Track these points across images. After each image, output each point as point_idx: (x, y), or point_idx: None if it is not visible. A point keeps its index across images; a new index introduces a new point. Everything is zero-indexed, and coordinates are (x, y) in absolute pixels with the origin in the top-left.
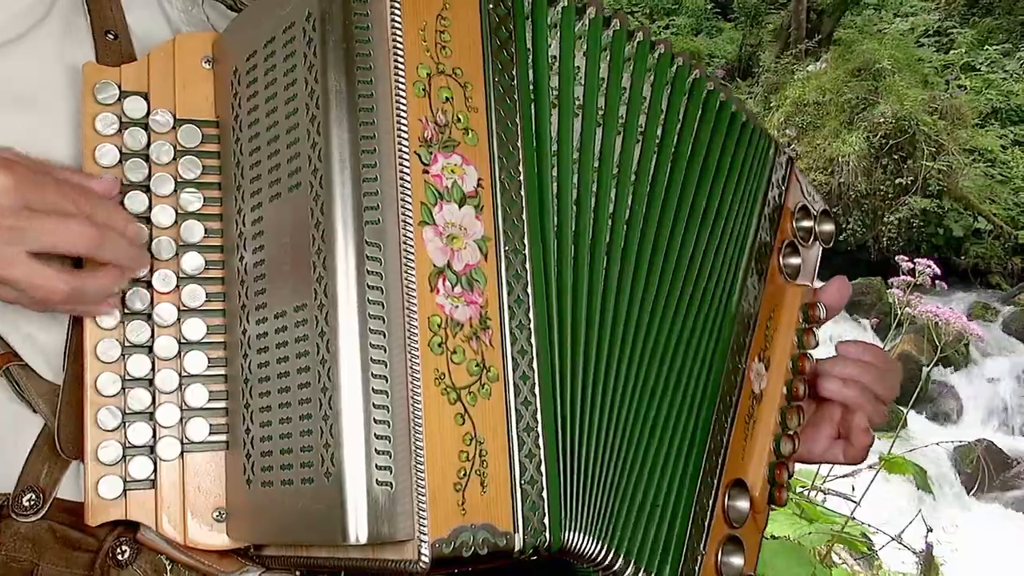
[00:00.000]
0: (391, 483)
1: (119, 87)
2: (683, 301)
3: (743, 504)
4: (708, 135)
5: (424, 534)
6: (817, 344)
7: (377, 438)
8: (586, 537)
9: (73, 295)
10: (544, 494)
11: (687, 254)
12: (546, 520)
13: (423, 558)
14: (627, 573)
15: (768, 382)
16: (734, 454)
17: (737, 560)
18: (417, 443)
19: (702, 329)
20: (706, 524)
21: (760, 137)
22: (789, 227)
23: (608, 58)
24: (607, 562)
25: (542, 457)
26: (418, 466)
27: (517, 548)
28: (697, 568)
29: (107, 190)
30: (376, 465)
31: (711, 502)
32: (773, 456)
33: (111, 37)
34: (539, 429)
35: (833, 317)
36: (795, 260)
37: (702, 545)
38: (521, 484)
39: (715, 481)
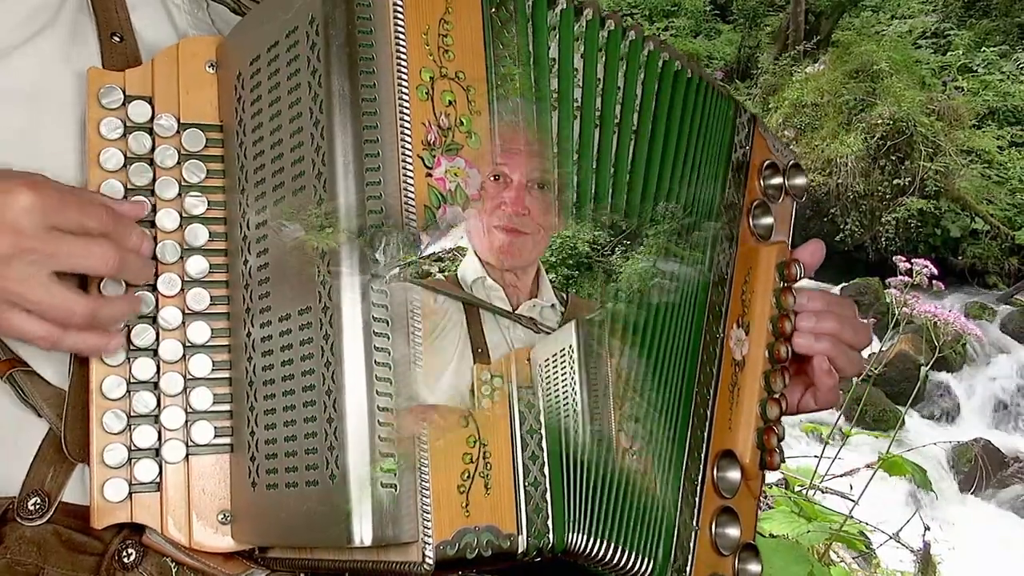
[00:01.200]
0: (395, 485)
1: (123, 91)
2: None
3: (734, 475)
4: (689, 119)
5: (428, 536)
6: (795, 303)
7: (381, 440)
8: (587, 536)
9: (90, 318)
10: (547, 496)
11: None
12: (549, 522)
13: (427, 560)
14: (623, 563)
15: (749, 348)
16: (720, 425)
17: (733, 531)
18: (421, 446)
19: (679, 306)
20: (697, 499)
21: (722, 102)
22: (757, 186)
23: (604, 58)
24: (600, 555)
25: (545, 459)
26: (422, 468)
27: (521, 550)
28: (692, 544)
29: (135, 213)
30: (380, 468)
31: (699, 476)
32: (760, 421)
33: (117, 39)
34: (542, 431)
35: (809, 275)
36: (766, 220)
37: (695, 520)
38: (524, 486)
39: (702, 455)
